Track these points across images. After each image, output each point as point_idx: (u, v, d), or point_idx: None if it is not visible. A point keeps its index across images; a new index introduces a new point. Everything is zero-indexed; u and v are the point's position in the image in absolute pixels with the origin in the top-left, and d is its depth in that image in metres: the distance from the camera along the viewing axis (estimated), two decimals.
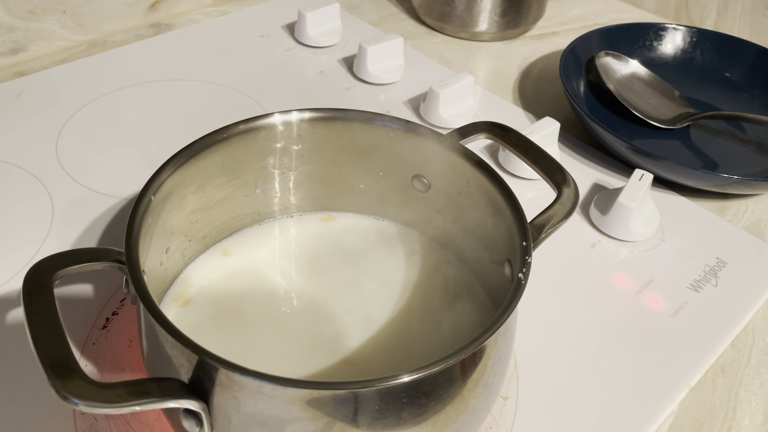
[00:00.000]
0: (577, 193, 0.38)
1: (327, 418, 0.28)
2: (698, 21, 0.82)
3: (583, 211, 0.53)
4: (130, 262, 0.31)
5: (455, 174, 0.40)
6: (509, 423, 0.38)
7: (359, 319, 0.39)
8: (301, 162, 0.43)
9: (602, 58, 0.66)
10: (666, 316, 0.45)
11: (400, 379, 0.27)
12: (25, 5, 0.64)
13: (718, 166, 0.59)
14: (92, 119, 0.59)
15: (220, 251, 0.43)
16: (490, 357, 0.31)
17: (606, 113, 0.64)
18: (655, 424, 0.39)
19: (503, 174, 0.52)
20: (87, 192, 0.51)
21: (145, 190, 0.34)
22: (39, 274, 0.30)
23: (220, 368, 0.27)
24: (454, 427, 0.31)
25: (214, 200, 0.41)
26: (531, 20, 0.77)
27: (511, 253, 0.35)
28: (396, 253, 0.43)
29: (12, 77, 0.63)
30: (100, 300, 0.43)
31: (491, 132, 0.41)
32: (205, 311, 0.39)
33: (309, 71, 0.68)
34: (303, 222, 0.45)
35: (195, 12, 0.76)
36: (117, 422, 0.37)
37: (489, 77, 0.71)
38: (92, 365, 0.39)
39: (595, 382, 0.41)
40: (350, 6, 0.81)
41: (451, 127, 0.57)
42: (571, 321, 0.45)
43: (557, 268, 0.48)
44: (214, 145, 0.38)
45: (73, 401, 0.25)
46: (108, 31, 0.71)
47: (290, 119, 0.40)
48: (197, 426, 0.29)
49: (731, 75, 0.69)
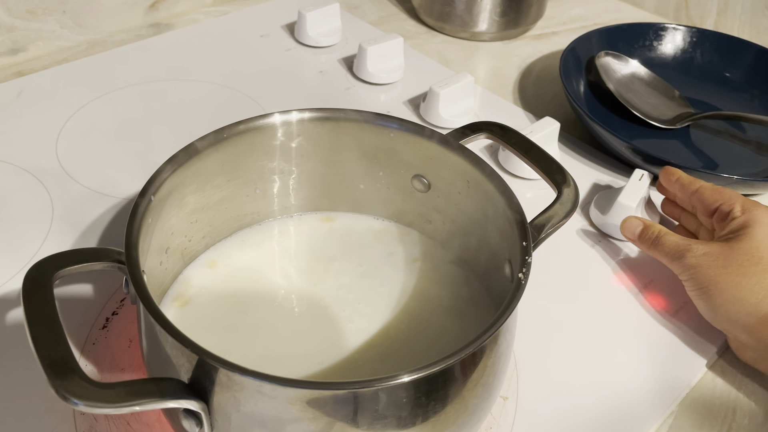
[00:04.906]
0: (577, 193, 0.38)
1: (327, 418, 0.28)
2: (698, 21, 0.82)
3: (583, 211, 0.53)
4: (130, 262, 0.31)
5: (455, 174, 0.40)
6: (509, 423, 0.38)
7: (359, 318, 0.39)
8: (301, 162, 0.43)
9: (602, 58, 0.66)
10: (666, 316, 0.45)
11: (400, 379, 0.27)
12: (25, 5, 0.64)
13: (718, 166, 0.59)
14: (92, 119, 0.59)
15: (220, 251, 0.43)
16: (490, 357, 0.31)
17: (606, 113, 0.64)
18: (655, 424, 0.39)
19: (503, 174, 0.52)
20: (87, 192, 0.51)
21: (145, 190, 0.34)
22: (39, 274, 0.30)
23: (220, 368, 0.27)
24: (454, 427, 0.31)
25: (214, 200, 0.41)
26: (531, 20, 0.77)
27: (511, 253, 0.35)
28: (396, 253, 0.43)
29: (12, 77, 0.63)
30: (100, 300, 0.43)
31: (491, 132, 0.41)
32: (205, 311, 0.39)
33: (309, 71, 0.68)
34: (303, 222, 0.45)
35: (195, 12, 0.76)
36: (117, 422, 0.37)
37: (489, 77, 0.71)
38: (92, 365, 0.39)
39: (595, 382, 0.41)
40: (350, 6, 0.81)
41: (451, 127, 0.57)
42: (571, 321, 0.45)
43: (557, 268, 0.48)
44: (214, 145, 0.38)
45: (73, 401, 0.25)
46: (108, 31, 0.71)
47: (290, 119, 0.40)
48: (197, 426, 0.29)
49: (731, 75, 0.69)
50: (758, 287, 0.39)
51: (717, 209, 0.45)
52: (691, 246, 0.42)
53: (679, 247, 0.43)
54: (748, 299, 0.39)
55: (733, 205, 0.44)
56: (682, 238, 0.44)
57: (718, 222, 0.45)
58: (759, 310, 0.39)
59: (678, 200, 0.49)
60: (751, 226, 0.42)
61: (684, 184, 0.48)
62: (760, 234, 0.41)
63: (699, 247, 0.42)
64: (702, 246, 0.42)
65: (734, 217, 0.43)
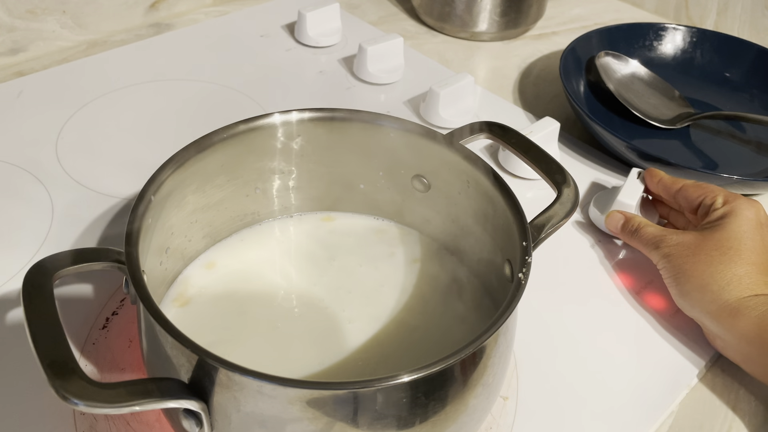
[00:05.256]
0: (577, 193, 0.38)
1: (327, 418, 0.28)
2: (698, 21, 0.82)
3: (582, 211, 0.53)
4: (130, 262, 0.31)
5: (455, 174, 0.40)
6: (509, 423, 0.38)
7: (359, 318, 0.39)
8: (300, 162, 0.43)
9: (602, 58, 0.66)
10: (666, 316, 0.45)
11: (400, 379, 0.27)
12: (25, 5, 0.64)
13: (718, 166, 0.59)
14: (92, 119, 0.59)
15: (220, 251, 0.43)
16: (490, 357, 0.31)
17: (606, 113, 0.64)
18: (655, 424, 0.39)
19: (503, 174, 0.52)
20: (87, 192, 0.51)
21: (145, 190, 0.34)
22: (39, 274, 0.30)
23: (220, 368, 0.27)
24: (454, 427, 0.31)
25: (214, 200, 0.41)
26: (531, 20, 0.77)
27: (511, 253, 0.35)
28: (396, 254, 0.43)
29: (12, 77, 0.63)
30: (100, 300, 0.43)
31: (491, 132, 0.41)
32: (205, 311, 0.39)
33: (309, 71, 0.68)
34: (303, 222, 0.45)
35: (195, 12, 0.76)
36: (117, 422, 0.37)
37: (489, 77, 0.71)
38: (92, 365, 0.39)
39: (595, 382, 0.41)
40: (350, 6, 0.81)
41: (451, 127, 0.57)
42: (571, 321, 0.45)
43: (557, 268, 0.48)
44: (214, 145, 0.38)
45: (72, 401, 0.25)
46: (108, 31, 0.71)
47: (290, 119, 0.40)
48: (197, 426, 0.29)
49: (731, 75, 0.69)
50: (721, 275, 0.40)
51: (700, 204, 0.46)
52: (665, 236, 0.44)
53: (655, 237, 0.45)
54: (711, 286, 0.40)
55: (716, 197, 0.45)
56: (659, 228, 0.45)
57: (701, 216, 0.46)
58: (720, 297, 0.40)
59: (664, 200, 0.50)
60: (728, 217, 0.43)
61: (667, 185, 0.49)
62: (735, 225, 0.42)
63: (673, 237, 0.44)
64: (676, 236, 0.44)
65: (716, 208, 0.44)
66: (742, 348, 0.40)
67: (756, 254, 0.41)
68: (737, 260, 0.41)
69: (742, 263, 0.40)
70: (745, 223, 0.42)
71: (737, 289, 0.40)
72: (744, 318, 0.39)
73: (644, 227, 0.46)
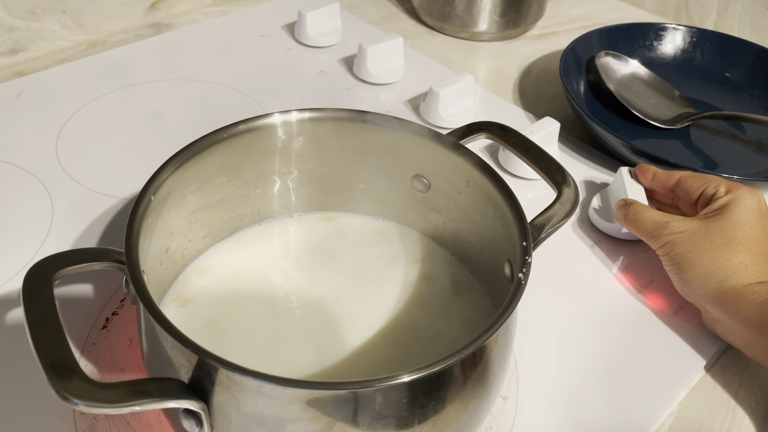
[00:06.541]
0: (577, 193, 0.38)
1: (327, 418, 0.28)
2: (698, 21, 0.82)
3: (582, 211, 0.53)
4: (130, 262, 0.31)
5: (455, 174, 0.40)
6: (509, 423, 0.38)
7: (359, 319, 0.39)
8: (301, 162, 0.43)
9: (602, 58, 0.66)
10: (666, 316, 0.45)
11: (400, 379, 0.27)
12: (25, 5, 0.64)
13: (718, 166, 0.59)
14: (92, 119, 0.59)
15: (220, 251, 0.43)
16: (490, 357, 0.31)
17: (606, 113, 0.64)
18: (655, 424, 0.39)
19: (503, 174, 0.52)
20: (87, 192, 0.51)
21: (145, 190, 0.34)
22: (39, 274, 0.30)
23: (220, 368, 0.27)
24: (454, 427, 0.31)
25: (214, 200, 0.41)
26: (531, 20, 0.77)
27: (511, 253, 0.35)
28: (396, 254, 0.43)
29: (12, 77, 0.63)
30: (100, 300, 0.43)
31: (491, 132, 0.41)
32: (205, 311, 0.39)
33: (309, 71, 0.68)
34: (303, 222, 0.45)
35: (195, 12, 0.76)
36: (117, 422, 0.37)
37: (489, 77, 0.71)
38: (92, 365, 0.39)
39: (595, 382, 0.41)
40: (350, 6, 0.81)
41: (451, 127, 0.57)
42: (571, 321, 0.45)
43: (557, 268, 0.48)
44: (214, 145, 0.38)
45: (73, 401, 0.25)
46: (108, 30, 0.71)
47: (290, 119, 0.40)
48: (197, 426, 0.29)
49: (731, 75, 0.69)
50: (727, 264, 0.41)
51: (702, 194, 0.46)
52: (668, 222, 0.44)
53: (657, 224, 0.44)
54: (716, 274, 0.41)
55: (718, 186, 0.45)
56: (661, 214, 0.45)
57: (702, 206, 0.46)
58: (725, 285, 0.40)
59: (657, 196, 0.50)
60: (731, 205, 0.43)
61: (663, 179, 0.49)
62: (738, 213, 0.42)
63: (676, 224, 0.43)
64: (680, 222, 0.43)
65: (719, 197, 0.44)
66: (744, 333, 0.40)
67: (758, 243, 0.41)
68: (741, 249, 0.41)
69: (747, 252, 0.41)
70: (748, 212, 0.42)
71: (743, 276, 0.40)
72: (747, 303, 0.39)
73: (644, 211, 0.46)
